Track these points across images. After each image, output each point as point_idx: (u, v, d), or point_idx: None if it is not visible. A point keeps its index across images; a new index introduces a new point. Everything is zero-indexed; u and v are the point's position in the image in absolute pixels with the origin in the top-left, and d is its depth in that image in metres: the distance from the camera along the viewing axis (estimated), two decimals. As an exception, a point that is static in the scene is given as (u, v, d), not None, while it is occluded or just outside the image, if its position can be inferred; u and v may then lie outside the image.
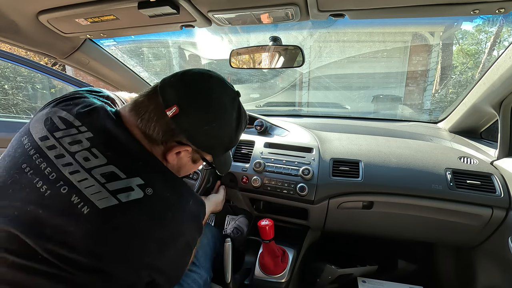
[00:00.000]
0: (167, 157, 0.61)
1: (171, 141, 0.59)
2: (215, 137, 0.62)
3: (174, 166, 0.65)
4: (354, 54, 5.95)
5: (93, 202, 0.48)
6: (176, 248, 0.55)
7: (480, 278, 1.14)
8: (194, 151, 0.63)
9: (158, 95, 0.58)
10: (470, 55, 5.64)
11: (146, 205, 0.51)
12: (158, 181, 0.55)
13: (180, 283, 0.80)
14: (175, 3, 0.71)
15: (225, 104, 0.61)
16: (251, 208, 1.27)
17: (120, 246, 0.49)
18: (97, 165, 0.51)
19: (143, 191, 0.51)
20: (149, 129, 0.58)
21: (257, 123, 1.37)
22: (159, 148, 0.60)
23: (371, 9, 0.70)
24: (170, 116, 0.56)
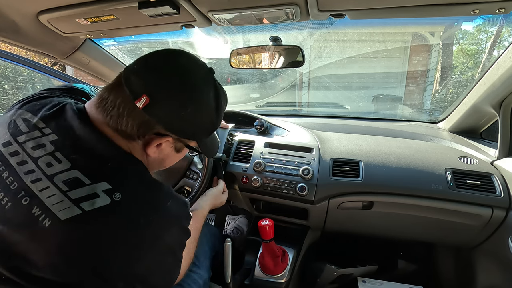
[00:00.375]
0: (147, 151, 0.56)
1: (148, 133, 0.55)
2: (195, 121, 0.57)
3: (156, 159, 0.60)
4: (354, 54, 5.95)
5: (55, 214, 0.44)
6: (155, 253, 0.51)
7: (480, 278, 1.14)
8: (176, 140, 0.59)
9: (123, 86, 0.52)
10: (470, 55, 5.64)
11: (114, 212, 0.46)
12: (129, 183, 0.51)
13: (180, 283, 0.80)
14: (175, 3, 0.71)
15: (199, 85, 0.56)
16: (251, 208, 1.27)
17: (87, 259, 0.45)
18: (60, 171, 0.47)
19: (110, 197, 0.47)
20: (121, 125, 0.52)
21: (257, 123, 1.37)
22: (137, 144, 0.56)
23: (371, 9, 0.70)
24: (141, 107, 0.51)
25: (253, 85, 6.26)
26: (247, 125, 1.45)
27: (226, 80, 6.53)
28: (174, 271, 0.60)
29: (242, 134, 1.33)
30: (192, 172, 1.06)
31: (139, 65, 0.55)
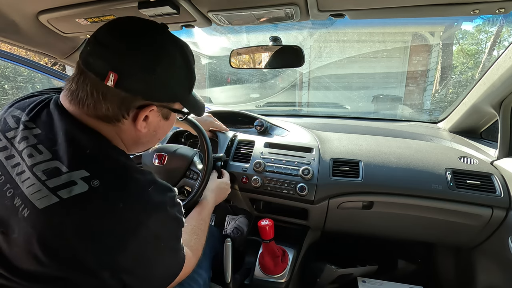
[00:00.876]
0: (137, 127, 0.56)
1: (131, 109, 0.54)
2: (170, 82, 0.56)
3: (149, 134, 0.60)
4: (354, 54, 5.95)
5: (33, 203, 0.44)
6: (139, 241, 0.49)
7: (480, 278, 1.14)
8: (160, 107, 0.57)
9: (87, 72, 0.51)
10: (470, 55, 5.64)
11: (92, 199, 0.46)
12: (108, 170, 0.50)
13: (181, 283, 0.80)
14: (175, 3, 0.71)
15: (157, 43, 0.54)
16: (251, 208, 1.27)
17: (67, 248, 0.44)
18: (40, 161, 0.47)
19: (88, 184, 0.46)
20: (101, 110, 0.52)
21: (257, 123, 1.37)
22: (125, 124, 0.55)
23: (371, 9, 0.70)
24: (113, 85, 0.49)
25: (253, 85, 6.26)
26: (247, 125, 1.45)
27: (226, 80, 6.53)
28: (170, 263, 0.58)
29: (242, 134, 1.33)
30: (192, 172, 1.06)
31: (92, 46, 0.52)
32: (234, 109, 1.54)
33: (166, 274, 0.58)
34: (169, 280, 0.60)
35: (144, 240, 0.50)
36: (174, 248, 0.58)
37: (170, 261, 0.58)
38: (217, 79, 6.62)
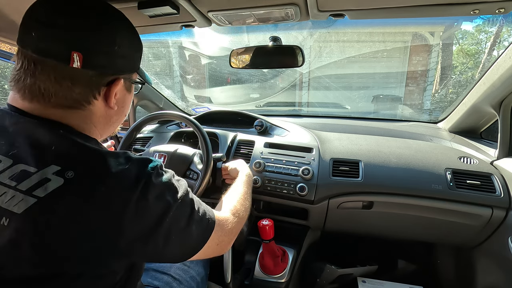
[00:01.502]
0: (110, 105, 0.55)
1: (102, 87, 0.52)
2: (129, 50, 0.56)
3: (118, 110, 0.58)
4: (354, 54, 5.96)
5: (10, 210, 0.43)
6: (133, 220, 0.47)
7: (480, 278, 1.14)
8: (125, 80, 0.56)
9: (44, 60, 0.47)
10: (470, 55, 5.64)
11: (70, 190, 0.44)
12: (79, 158, 0.47)
13: (179, 281, 0.81)
14: (175, 3, 0.71)
15: (110, 11, 0.53)
16: (251, 208, 1.27)
17: (57, 245, 0.43)
18: (2, 170, 0.45)
19: (62, 177, 0.44)
20: (72, 96, 0.50)
21: (257, 123, 1.37)
22: (96, 106, 0.53)
23: (371, 9, 0.70)
24: (80, 66, 0.47)
25: (253, 85, 6.27)
26: (247, 125, 1.45)
27: (226, 80, 6.54)
28: (182, 237, 0.53)
29: (242, 134, 1.33)
30: (192, 172, 1.06)
31: (39, 31, 0.48)
32: (234, 109, 1.54)
33: (183, 250, 0.55)
34: (188, 254, 0.57)
35: (139, 217, 0.47)
36: (181, 218, 0.53)
37: (181, 235, 0.54)
38: (217, 79, 6.62)
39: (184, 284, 0.81)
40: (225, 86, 6.54)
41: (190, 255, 0.57)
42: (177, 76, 6.45)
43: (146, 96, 1.59)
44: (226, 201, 0.78)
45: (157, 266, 0.83)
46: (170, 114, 1.17)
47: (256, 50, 1.09)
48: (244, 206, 0.80)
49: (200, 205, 0.59)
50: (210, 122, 1.49)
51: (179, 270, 0.84)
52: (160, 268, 0.83)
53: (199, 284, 0.86)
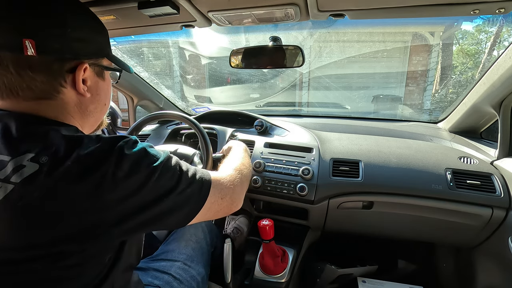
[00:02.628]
0: (80, 91, 0.54)
1: (66, 75, 0.52)
2: (88, 33, 0.55)
3: (93, 98, 0.58)
4: (354, 54, 5.96)
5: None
6: (115, 192, 0.47)
7: (480, 278, 1.14)
8: (92, 65, 0.56)
9: (0, 54, 0.48)
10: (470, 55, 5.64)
11: (46, 173, 0.44)
12: (53, 143, 0.47)
13: (180, 280, 0.81)
14: (175, 3, 0.71)
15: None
16: (251, 208, 1.27)
17: (42, 224, 0.43)
18: None
19: (37, 162, 0.44)
20: (37, 86, 0.50)
21: (257, 123, 1.37)
22: (67, 93, 0.53)
23: (371, 9, 0.70)
24: (34, 53, 0.47)
25: (253, 85, 6.27)
26: (247, 125, 1.45)
27: (226, 80, 6.54)
28: (175, 200, 0.53)
29: (242, 134, 1.33)
30: (192, 172, 1.06)
31: None
32: (234, 109, 1.54)
33: (175, 211, 0.54)
34: (188, 215, 0.57)
35: (120, 189, 0.47)
36: (167, 182, 0.53)
37: (172, 197, 0.53)
38: (217, 79, 6.62)
39: (185, 284, 0.81)
40: (225, 86, 6.54)
41: (191, 216, 0.58)
42: (177, 76, 6.45)
43: (146, 96, 1.59)
44: (224, 163, 0.82)
45: (157, 266, 0.83)
46: (170, 114, 1.17)
47: (256, 50, 1.09)
48: (244, 164, 0.83)
49: (189, 167, 0.59)
50: (210, 122, 1.49)
51: (179, 269, 0.84)
52: (160, 267, 0.83)
53: (200, 284, 0.86)
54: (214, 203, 0.62)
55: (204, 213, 0.60)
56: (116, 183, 0.46)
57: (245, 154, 0.93)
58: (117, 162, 0.47)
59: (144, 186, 0.49)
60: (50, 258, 0.44)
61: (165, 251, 0.90)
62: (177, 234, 0.98)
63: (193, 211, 0.58)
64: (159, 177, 0.51)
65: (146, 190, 0.49)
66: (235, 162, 0.83)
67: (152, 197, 0.50)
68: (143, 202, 0.49)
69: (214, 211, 0.63)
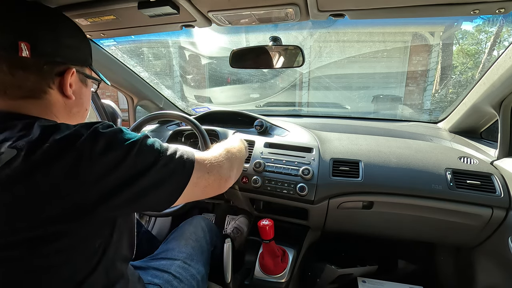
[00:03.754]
0: (67, 94, 0.58)
1: (55, 77, 0.56)
2: (75, 42, 0.60)
3: (76, 102, 0.61)
4: (354, 54, 5.96)
5: None
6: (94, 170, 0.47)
7: (480, 278, 1.14)
8: (77, 72, 0.60)
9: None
10: (470, 55, 5.64)
11: (24, 157, 0.44)
12: (32, 132, 0.48)
13: (180, 279, 0.81)
14: (175, 3, 0.71)
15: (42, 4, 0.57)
16: (251, 208, 1.27)
17: (31, 204, 0.44)
18: None
19: (15, 148, 0.45)
20: (27, 85, 0.53)
21: (257, 123, 1.37)
22: (53, 95, 0.56)
23: (371, 9, 0.70)
24: (29, 55, 0.51)
25: (253, 85, 6.26)
26: (247, 125, 1.45)
27: (226, 80, 6.54)
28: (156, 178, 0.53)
29: (242, 134, 1.33)
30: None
31: None
32: (234, 109, 1.54)
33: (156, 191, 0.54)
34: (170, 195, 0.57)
35: (97, 167, 0.47)
36: (145, 160, 0.53)
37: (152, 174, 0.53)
38: (217, 79, 6.62)
39: (185, 283, 0.81)
40: (225, 86, 6.54)
41: (178, 192, 0.58)
42: (177, 76, 6.45)
43: (146, 96, 1.59)
44: (214, 146, 0.81)
45: (157, 265, 0.83)
46: (170, 114, 1.17)
47: (256, 50, 1.09)
48: (234, 147, 0.83)
49: (170, 145, 0.60)
50: (210, 122, 1.49)
51: (179, 268, 0.84)
52: (160, 266, 0.83)
53: (200, 283, 0.86)
54: (200, 178, 0.62)
55: (192, 189, 0.60)
56: (93, 160, 0.47)
57: (239, 142, 0.94)
58: (93, 140, 0.48)
59: (122, 162, 0.50)
60: (33, 243, 0.45)
61: (165, 250, 0.90)
62: (177, 233, 0.98)
63: (179, 187, 0.58)
64: (137, 153, 0.52)
65: (125, 167, 0.50)
66: (224, 144, 0.84)
67: (132, 173, 0.51)
68: (124, 178, 0.50)
69: (202, 187, 0.63)
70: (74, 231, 0.47)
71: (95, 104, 1.63)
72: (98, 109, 1.65)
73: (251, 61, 1.14)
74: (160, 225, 1.59)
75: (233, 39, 4.85)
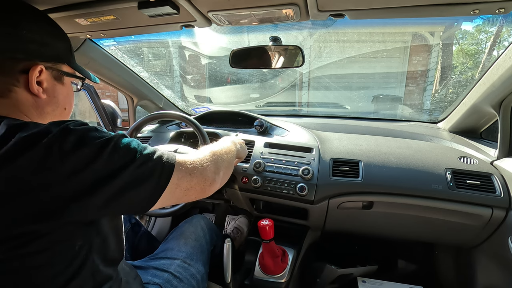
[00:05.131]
0: (34, 92, 0.55)
1: (19, 74, 0.53)
2: (45, 37, 0.57)
3: (50, 100, 0.59)
4: (354, 54, 5.96)
5: None
6: (63, 169, 0.45)
7: (480, 278, 1.14)
8: (49, 68, 0.57)
9: None
10: (470, 55, 5.64)
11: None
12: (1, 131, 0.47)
13: (180, 278, 0.81)
14: (175, 3, 0.71)
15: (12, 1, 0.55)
16: (251, 208, 1.27)
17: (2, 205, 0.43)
18: None
19: None
20: None
21: (257, 123, 1.37)
22: (20, 93, 0.54)
23: (371, 9, 0.70)
24: None
25: (253, 85, 6.27)
26: (247, 125, 1.45)
27: (226, 80, 6.54)
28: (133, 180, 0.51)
29: (242, 134, 1.33)
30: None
31: None
32: (234, 109, 1.54)
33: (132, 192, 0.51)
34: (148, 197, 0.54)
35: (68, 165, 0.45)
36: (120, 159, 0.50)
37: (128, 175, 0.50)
38: (217, 79, 6.62)
39: (185, 282, 0.81)
40: (225, 86, 6.54)
41: (158, 192, 0.55)
42: (177, 76, 6.45)
43: (146, 96, 1.59)
44: (201, 148, 0.76)
45: (157, 264, 0.83)
46: (170, 114, 1.17)
47: (256, 50, 1.09)
48: (222, 149, 0.78)
49: (148, 146, 0.57)
50: (210, 122, 1.49)
51: (179, 267, 0.84)
52: (160, 266, 0.83)
53: (199, 282, 0.86)
54: (182, 179, 0.59)
55: (173, 190, 0.57)
56: (62, 156, 0.45)
57: (229, 144, 0.89)
58: (62, 136, 0.46)
59: (95, 159, 0.47)
60: (9, 244, 0.43)
61: (164, 250, 0.90)
62: (176, 232, 0.98)
63: (160, 186, 0.55)
64: (112, 151, 0.50)
65: (100, 164, 0.48)
66: (212, 146, 0.80)
67: (108, 171, 0.48)
68: (98, 176, 0.47)
69: (183, 189, 0.60)
70: (48, 232, 0.45)
71: (95, 104, 1.63)
72: (98, 109, 1.65)
73: (251, 61, 1.14)
74: (160, 225, 1.59)
75: (233, 39, 4.86)
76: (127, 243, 0.96)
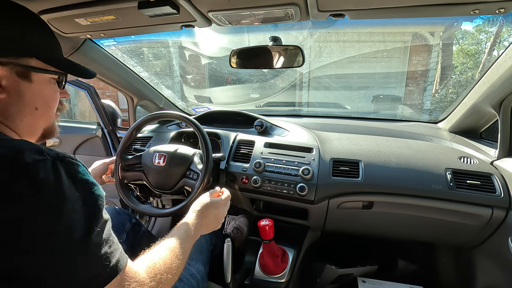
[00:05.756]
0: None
1: None
2: (3, 29, 0.50)
3: (13, 101, 0.51)
4: (354, 54, 5.96)
5: None
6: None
7: (480, 278, 1.14)
8: (8, 64, 0.50)
9: None
10: (470, 55, 5.64)
11: None
12: None
13: (180, 278, 0.80)
14: (175, 3, 0.71)
15: None
16: (251, 208, 1.27)
17: None
18: None
19: None
20: None
21: (257, 123, 1.37)
22: None
23: (371, 9, 0.70)
24: None
25: (253, 85, 6.27)
26: (247, 125, 1.45)
27: (226, 80, 6.54)
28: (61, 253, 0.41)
29: (242, 134, 1.33)
30: (192, 172, 1.06)
31: None
32: (234, 109, 1.54)
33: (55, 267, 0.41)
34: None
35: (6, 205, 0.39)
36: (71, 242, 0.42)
37: (62, 247, 0.42)
38: (217, 79, 6.62)
39: (184, 282, 0.81)
40: (225, 86, 6.54)
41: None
42: (177, 76, 6.45)
43: (146, 96, 1.59)
44: (155, 255, 0.62)
45: None
46: (170, 114, 1.17)
47: (256, 50, 1.09)
48: (171, 268, 0.61)
49: (105, 233, 0.47)
50: (210, 122, 1.49)
51: None
52: None
53: (199, 282, 0.86)
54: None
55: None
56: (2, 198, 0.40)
57: (192, 234, 0.71)
58: (13, 172, 0.41)
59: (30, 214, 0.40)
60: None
61: None
62: None
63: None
64: (47, 219, 0.41)
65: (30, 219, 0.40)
66: (168, 261, 0.62)
67: (34, 234, 0.40)
68: (20, 231, 0.39)
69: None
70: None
71: (95, 104, 1.64)
72: (98, 109, 1.65)
73: (251, 61, 1.14)
74: (160, 225, 1.59)
75: (233, 39, 4.86)
76: (127, 243, 0.96)
